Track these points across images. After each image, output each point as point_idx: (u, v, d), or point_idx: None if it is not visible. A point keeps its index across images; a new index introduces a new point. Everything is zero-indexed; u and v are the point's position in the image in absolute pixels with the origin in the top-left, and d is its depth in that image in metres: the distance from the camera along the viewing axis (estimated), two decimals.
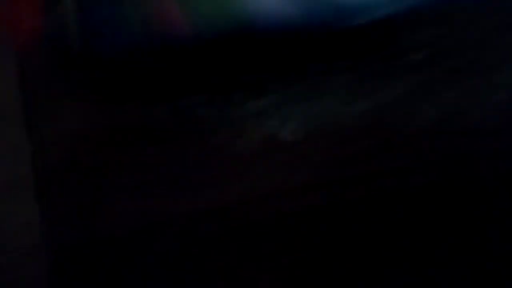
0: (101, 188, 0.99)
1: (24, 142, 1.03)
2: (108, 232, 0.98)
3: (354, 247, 1.02)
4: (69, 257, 0.98)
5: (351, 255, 1.02)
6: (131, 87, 1.02)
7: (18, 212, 0.99)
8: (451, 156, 1.02)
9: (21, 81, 1.06)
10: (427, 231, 1.02)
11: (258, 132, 1.00)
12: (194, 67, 1.01)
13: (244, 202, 1.00)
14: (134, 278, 0.98)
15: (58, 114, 1.02)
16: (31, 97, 1.05)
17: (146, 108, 1.00)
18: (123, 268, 0.98)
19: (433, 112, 1.01)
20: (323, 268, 1.02)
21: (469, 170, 1.02)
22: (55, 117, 1.03)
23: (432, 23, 1.03)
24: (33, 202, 0.99)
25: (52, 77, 1.03)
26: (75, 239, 0.98)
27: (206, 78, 1.01)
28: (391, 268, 1.02)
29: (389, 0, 1.00)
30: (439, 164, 1.02)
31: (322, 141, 1.01)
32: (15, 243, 0.98)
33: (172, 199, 0.99)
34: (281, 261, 1.01)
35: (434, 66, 1.01)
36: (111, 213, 0.98)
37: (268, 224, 1.01)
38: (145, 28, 0.98)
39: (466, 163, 1.02)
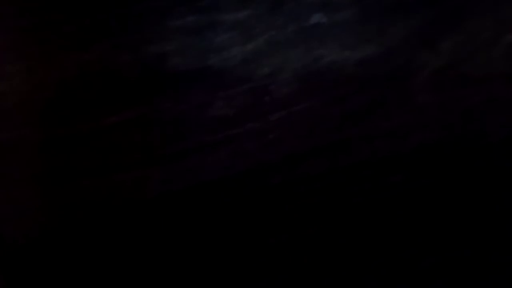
0: None
1: None
2: None
3: (352, 219, 0.94)
4: None
5: (350, 228, 0.94)
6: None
7: None
8: (454, 110, 0.92)
9: None
10: (429, 197, 0.93)
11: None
12: None
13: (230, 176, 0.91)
14: None
15: None
16: None
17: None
18: None
19: (433, 59, 0.91)
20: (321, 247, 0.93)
21: (474, 127, 0.92)
22: None
23: None
24: None
25: None
26: None
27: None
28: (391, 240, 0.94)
29: None
30: (440, 120, 0.92)
31: (317, 97, 0.91)
32: None
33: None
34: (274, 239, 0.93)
35: (434, 5, 0.91)
36: None
37: (257, 197, 0.91)
38: None
39: (471, 118, 0.92)
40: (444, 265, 0.93)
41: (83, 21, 0.88)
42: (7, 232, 0.88)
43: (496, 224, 0.93)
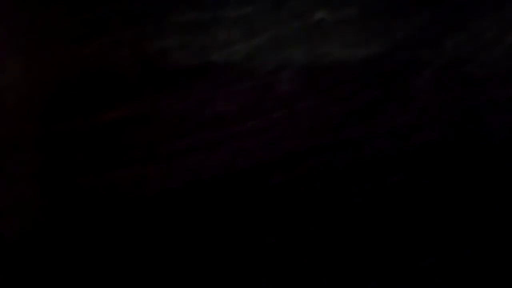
0: None
1: None
2: None
3: (351, 218, 0.93)
4: None
5: (349, 227, 0.93)
6: None
7: None
8: (455, 110, 0.92)
9: None
10: (429, 197, 0.93)
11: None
12: None
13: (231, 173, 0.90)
14: None
15: None
16: None
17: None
18: None
19: (435, 59, 0.91)
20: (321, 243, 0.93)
21: (476, 127, 0.93)
22: None
23: None
24: None
25: None
26: None
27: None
28: (389, 239, 0.93)
29: None
30: (441, 120, 0.92)
31: (319, 95, 0.90)
32: None
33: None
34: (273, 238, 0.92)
35: (437, 5, 0.91)
36: None
37: (257, 196, 0.90)
38: None
39: (472, 118, 0.92)
40: (444, 265, 0.93)
41: (83, 15, 0.87)
42: (5, 229, 0.86)
43: (496, 224, 0.93)
